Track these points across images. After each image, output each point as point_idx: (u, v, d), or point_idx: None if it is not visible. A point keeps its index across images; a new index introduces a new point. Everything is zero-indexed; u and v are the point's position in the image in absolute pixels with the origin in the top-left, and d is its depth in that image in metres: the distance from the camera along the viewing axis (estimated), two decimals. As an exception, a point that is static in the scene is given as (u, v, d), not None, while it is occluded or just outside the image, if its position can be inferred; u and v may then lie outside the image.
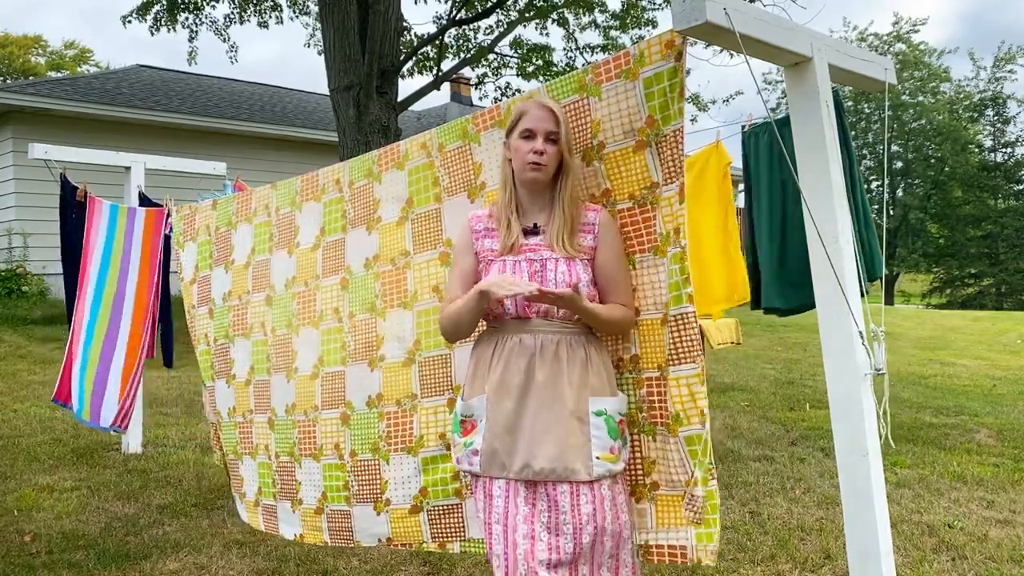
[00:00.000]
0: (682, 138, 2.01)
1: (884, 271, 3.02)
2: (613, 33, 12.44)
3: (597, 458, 2.03)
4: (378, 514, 2.68)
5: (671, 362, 2.05)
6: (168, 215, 4.09)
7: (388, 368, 2.66)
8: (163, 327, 4.72)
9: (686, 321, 2.01)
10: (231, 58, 12.79)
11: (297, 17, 13.19)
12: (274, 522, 3.14)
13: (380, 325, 2.68)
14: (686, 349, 2.02)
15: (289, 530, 3.05)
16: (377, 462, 2.67)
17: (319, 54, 10.65)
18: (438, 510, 2.55)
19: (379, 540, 2.71)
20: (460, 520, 2.52)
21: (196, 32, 12.02)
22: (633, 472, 2.19)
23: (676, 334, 2.04)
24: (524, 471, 2.03)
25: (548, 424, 2.03)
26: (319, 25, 13.14)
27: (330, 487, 2.83)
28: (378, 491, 2.67)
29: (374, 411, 2.68)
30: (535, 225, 2.16)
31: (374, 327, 2.70)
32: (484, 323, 2.24)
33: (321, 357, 2.88)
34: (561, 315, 2.09)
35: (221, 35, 12.36)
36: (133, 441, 5.19)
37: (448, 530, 2.54)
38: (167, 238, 4.22)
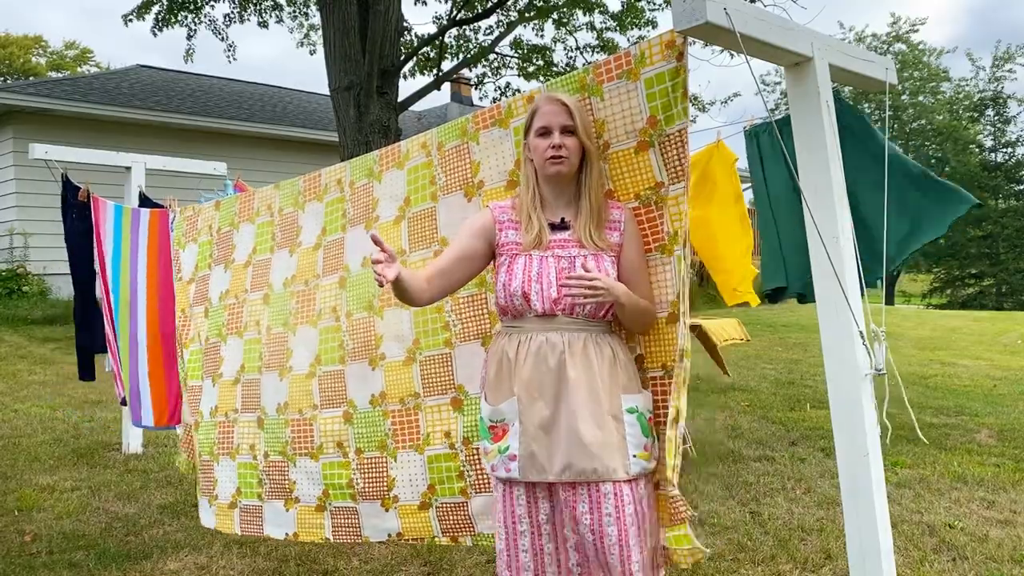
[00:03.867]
0: (687, 137, 2.02)
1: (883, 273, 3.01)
2: (609, 35, 12.45)
3: (634, 456, 2.00)
4: (387, 510, 2.68)
5: (676, 360, 2.07)
6: (173, 217, 4.08)
7: (389, 367, 2.65)
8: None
9: (682, 320, 2.06)
10: (228, 57, 12.82)
11: (296, 18, 13.20)
12: (257, 523, 3.09)
13: (378, 324, 2.67)
14: (681, 347, 2.05)
15: (278, 531, 3.00)
16: (385, 459, 2.67)
17: (311, 54, 10.68)
18: (446, 507, 2.56)
19: (389, 535, 2.70)
20: (467, 517, 2.52)
21: (195, 31, 12.03)
22: None
23: (681, 331, 2.06)
24: (565, 472, 1.98)
25: (587, 423, 1.98)
26: (314, 26, 13.17)
27: (332, 485, 2.81)
28: (385, 488, 2.67)
29: (378, 409, 2.67)
30: (563, 220, 2.12)
31: (372, 326, 2.69)
32: (500, 322, 2.20)
33: (318, 356, 2.87)
34: (587, 312, 2.05)
35: (219, 34, 12.37)
36: (133, 441, 5.19)
37: (458, 525, 2.55)
38: None
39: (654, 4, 12.05)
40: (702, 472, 4.63)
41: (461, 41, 12.93)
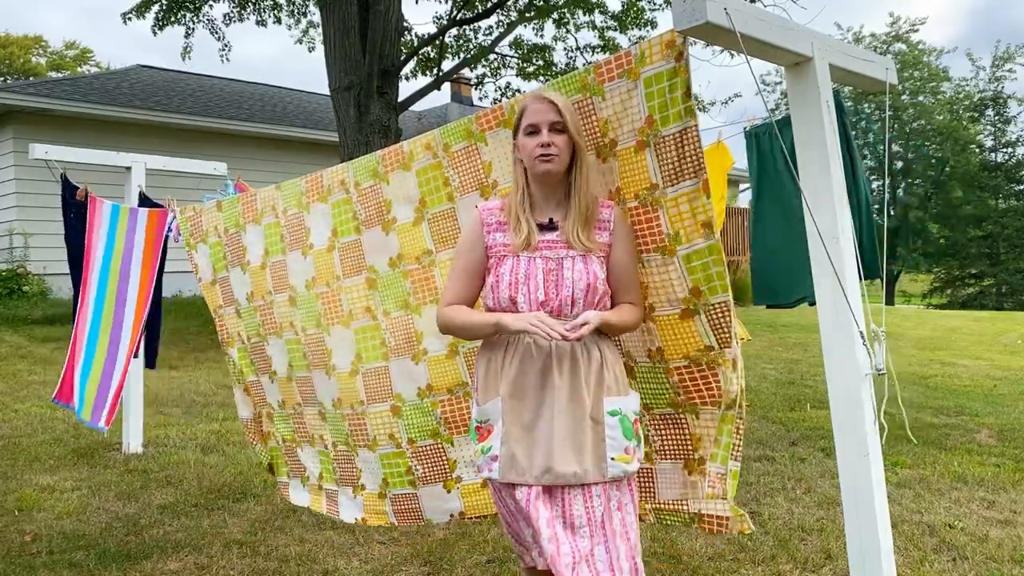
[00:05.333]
0: (696, 134, 2.02)
1: (882, 272, 3.02)
2: (610, 34, 12.45)
3: (612, 459, 2.02)
4: (448, 491, 2.82)
5: (723, 345, 2.13)
6: (172, 217, 4.08)
7: (433, 360, 2.74)
8: (149, 328, 4.72)
9: (725, 309, 2.09)
10: (222, 57, 12.84)
11: (295, 15, 13.18)
12: (335, 507, 3.26)
13: (417, 321, 2.77)
14: (725, 335, 2.11)
15: (349, 515, 3.17)
16: (441, 446, 2.80)
17: (310, 51, 10.67)
18: None
19: (451, 515, 2.85)
20: None
21: (192, 30, 12.02)
22: (684, 449, 2.30)
23: (715, 322, 2.11)
24: (545, 476, 1.99)
25: (569, 427, 2.01)
26: (313, 23, 13.16)
27: (390, 474, 2.96)
28: (447, 470, 2.81)
29: (427, 401, 2.79)
30: (551, 220, 2.12)
31: (411, 323, 2.78)
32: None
33: (359, 355, 2.95)
34: (574, 315, 2.06)
35: (216, 34, 12.36)
36: (134, 441, 5.19)
37: None
38: (165, 239, 4.21)
39: (654, 4, 12.06)
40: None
41: (461, 41, 12.93)
